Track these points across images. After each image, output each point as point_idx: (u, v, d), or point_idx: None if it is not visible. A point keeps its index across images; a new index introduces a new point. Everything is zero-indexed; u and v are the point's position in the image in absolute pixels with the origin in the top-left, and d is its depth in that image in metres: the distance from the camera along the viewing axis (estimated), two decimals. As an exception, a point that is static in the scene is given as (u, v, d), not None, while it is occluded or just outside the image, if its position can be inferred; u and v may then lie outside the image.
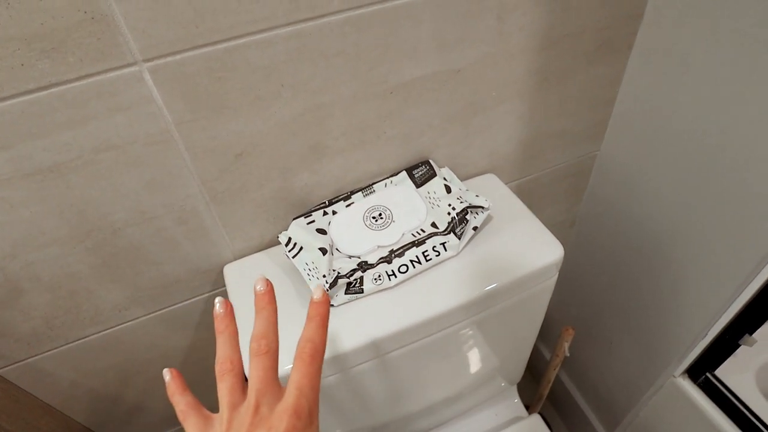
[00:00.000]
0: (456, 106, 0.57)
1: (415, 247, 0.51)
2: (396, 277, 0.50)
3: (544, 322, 1.18)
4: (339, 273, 0.49)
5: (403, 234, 0.53)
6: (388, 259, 0.51)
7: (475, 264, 0.53)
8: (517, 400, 0.85)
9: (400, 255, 0.51)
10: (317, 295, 0.34)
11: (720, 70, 0.55)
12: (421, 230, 0.54)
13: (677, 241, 0.71)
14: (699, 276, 0.69)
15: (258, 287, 0.35)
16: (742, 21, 0.50)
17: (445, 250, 0.52)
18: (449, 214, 0.53)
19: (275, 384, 0.31)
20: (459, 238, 0.52)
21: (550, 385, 1.00)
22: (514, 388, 0.85)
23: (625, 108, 0.71)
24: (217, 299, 0.35)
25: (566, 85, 0.64)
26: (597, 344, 1.02)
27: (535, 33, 0.56)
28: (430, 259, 0.51)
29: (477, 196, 0.55)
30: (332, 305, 0.49)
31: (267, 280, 0.35)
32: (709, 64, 0.56)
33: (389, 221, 0.54)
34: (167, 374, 0.34)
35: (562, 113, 0.68)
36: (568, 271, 1.03)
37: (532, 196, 0.79)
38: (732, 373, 0.78)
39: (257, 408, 0.29)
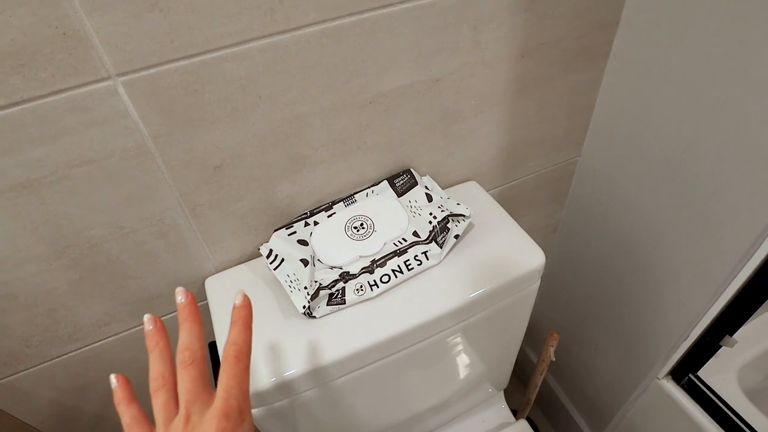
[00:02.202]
0: (435, 115, 0.58)
1: (397, 257, 0.51)
2: (378, 287, 0.50)
3: (530, 326, 1.19)
4: (321, 284, 0.49)
5: (385, 243, 0.53)
6: (370, 270, 0.51)
7: (458, 272, 0.53)
8: (504, 405, 0.85)
9: (382, 265, 0.51)
10: (238, 299, 0.36)
11: (694, 76, 0.56)
12: (403, 239, 0.54)
13: (658, 245, 0.72)
14: (679, 279, 0.70)
15: (179, 299, 0.35)
16: (715, 28, 0.51)
17: (427, 259, 0.52)
18: (430, 222, 0.53)
19: (204, 391, 0.32)
20: (441, 247, 0.52)
21: (538, 389, 1.01)
22: (501, 394, 0.85)
23: (603, 114, 0.72)
24: (146, 316, 0.35)
25: (544, 93, 0.65)
26: (583, 348, 1.02)
27: (512, 42, 0.56)
28: (412, 268, 0.51)
29: (458, 204, 0.55)
30: (314, 317, 0.49)
31: (188, 291, 0.35)
32: (683, 70, 0.57)
33: (371, 231, 0.54)
34: (114, 381, 0.34)
35: (542, 120, 0.69)
36: (552, 276, 1.04)
37: (514, 203, 0.80)
38: (714, 373, 0.80)
39: (188, 417, 0.30)
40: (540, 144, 0.72)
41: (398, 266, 0.51)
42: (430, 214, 0.54)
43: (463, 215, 0.54)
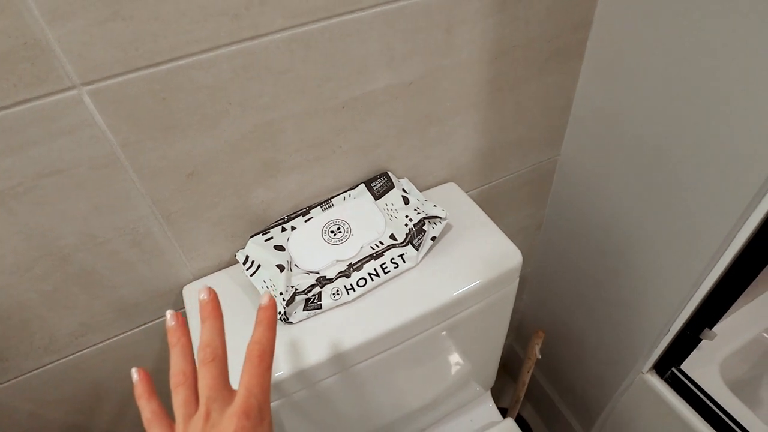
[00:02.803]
0: (411, 118, 0.58)
1: (373, 260, 0.51)
2: (354, 291, 0.50)
3: (519, 325, 1.19)
4: (297, 289, 0.49)
5: (361, 247, 0.53)
6: (346, 274, 0.51)
7: (435, 274, 0.53)
8: (491, 404, 0.85)
9: (359, 269, 0.51)
10: (264, 300, 0.36)
11: (667, 73, 0.56)
12: (380, 243, 0.54)
13: (637, 241, 0.72)
14: (659, 274, 0.70)
15: (201, 296, 0.35)
16: (687, 25, 0.52)
17: (404, 261, 0.52)
18: (407, 225, 0.53)
19: (225, 389, 0.32)
20: (417, 249, 0.52)
21: (526, 387, 1.01)
22: (489, 393, 0.86)
23: (581, 113, 0.73)
24: (168, 312, 0.36)
25: (520, 94, 0.65)
26: (570, 345, 1.03)
27: (485, 45, 0.57)
28: (389, 271, 0.51)
29: (435, 206, 0.55)
30: (291, 322, 0.49)
31: (210, 288, 0.36)
32: (657, 68, 0.57)
33: (348, 235, 0.54)
34: (135, 374, 0.35)
35: (519, 121, 0.69)
36: (538, 274, 1.04)
37: (496, 203, 0.80)
38: (698, 366, 0.80)
39: (208, 415, 0.30)
40: (518, 144, 0.72)
41: (375, 269, 0.51)
42: (406, 216, 0.54)
43: (439, 217, 0.54)
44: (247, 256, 0.52)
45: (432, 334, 0.54)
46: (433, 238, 0.54)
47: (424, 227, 0.53)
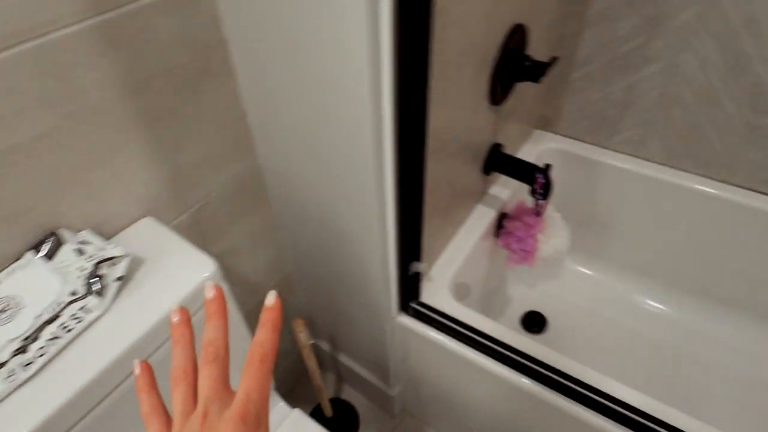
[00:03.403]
0: (60, 170, 0.56)
1: (49, 325, 0.49)
2: (35, 363, 0.47)
3: (306, 321, 1.25)
4: (-43, 391, 0.44)
5: (36, 317, 0.50)
6: (23, 350, 0.48)
7: (131, 311, 0.53)
8: (281, 403, 0.89)
9: (36, 339, 0.48)
10: (270, 300, 0.35)
11: (288, 69, 0.66)
12: (59, 304, 0.52)
13: (339, 215, 0.84)
14: (362, 235, 0.83)
15: (207, 294, 0.35)
16: (286, 25, 0.61)
17: (90, 311, 0.51)
18: (79, 277, 0.52)
19: (224, 390, 0.32)
20: (101, 295, 0.52)
21: (318, 373, 1.08)
22: (276, 394, 0.89)
23: (257, 119, 0.80)
24: (173, 308, 0.35)
25: (183, 117, 0.68)
26: (342, 320, 1.14)
27: (116, 82, 0.58)
28: (72, 328, 0.50)
29: (114, 247, 0.55)
30: (-41, 428, 0.44)
31: (216, 285, 0.35)
32: (282, 67, 0.67)
33: (17, 310, 0.50)
34: (137, 367, 0.34)
35: (196, 141, 0.72)
36: (300, 270, 1.12)
37: (212, 222, 0.82)
38: (434, 295, 0.97)
39: (205, 415, 0.30)
40: (206, 163, 0.76)
41: (52, 334, 0.49)
42: (79, 268, 0.53)
43: (116, 257, 0.54)
44: None
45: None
46: (120, 278, 0.54)
47: (100, 272, 0.53)
